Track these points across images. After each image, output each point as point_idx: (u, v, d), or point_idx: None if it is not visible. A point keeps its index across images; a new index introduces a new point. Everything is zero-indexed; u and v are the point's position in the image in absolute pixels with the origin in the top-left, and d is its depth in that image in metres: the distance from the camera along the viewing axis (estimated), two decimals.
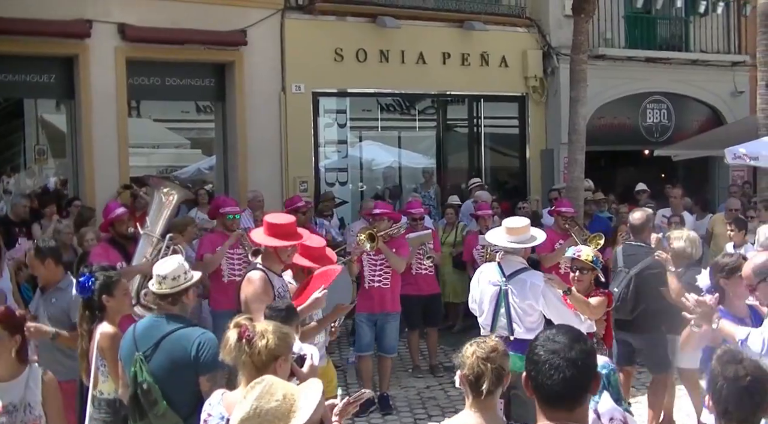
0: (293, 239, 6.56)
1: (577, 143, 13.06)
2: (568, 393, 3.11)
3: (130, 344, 5.34)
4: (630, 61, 17.95)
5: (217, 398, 4.40)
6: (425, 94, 17.21)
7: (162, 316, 5.37)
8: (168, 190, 8.63)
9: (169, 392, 5.10)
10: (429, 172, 16.95)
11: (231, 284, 9.76)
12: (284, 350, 4.23)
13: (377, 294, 9.90)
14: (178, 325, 5.30)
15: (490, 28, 16.63)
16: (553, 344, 3.16)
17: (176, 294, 5.38)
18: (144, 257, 8.21)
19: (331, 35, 15.38)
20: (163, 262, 5.55)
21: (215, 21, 14.15)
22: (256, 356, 4.15)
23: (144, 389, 5.08)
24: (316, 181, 15.50)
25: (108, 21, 13.46)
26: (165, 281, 5.34)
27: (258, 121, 14.72)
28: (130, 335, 5.38)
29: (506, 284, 7.33)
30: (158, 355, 5.17)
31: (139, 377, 5.11)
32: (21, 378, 5.04)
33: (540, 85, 17.39)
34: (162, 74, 14.54)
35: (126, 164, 13.90)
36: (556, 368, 3.11)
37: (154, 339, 5.23)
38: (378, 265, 9.87)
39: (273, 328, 4.28)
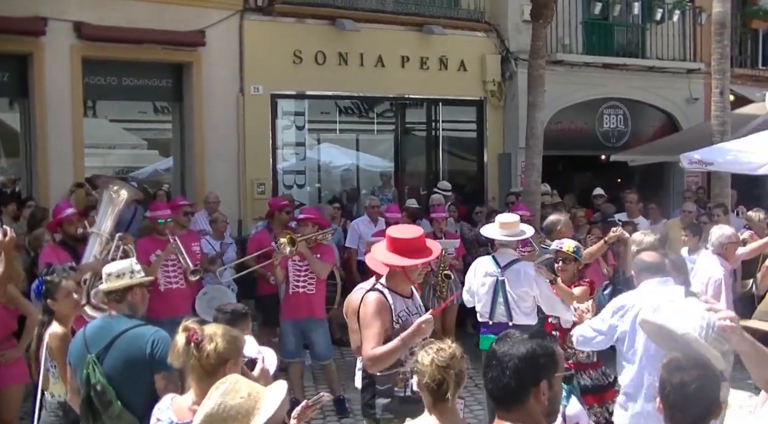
0: (424, 256, 5.67)
1: (534, 148, 13.14)
2: (499, 392, 3.13)
3: (80, 346, 5.27)
4: (587, 67, 18.09)
5: (166, 403, 4.37)
6: (384, 98, 17.21)
7: (113, 316, 5.32)
8: (117, 188, 8.53)
9: (124, 392, 5.07)
10: (387, 176, 16.96)
11: (168, 292, 9.71)
12: (233, 354, 4.22)
13: (302, 300, 9.81)
14: (130, 324, 5.26)
15: (449, 33, 16.68)
16: (501, 344, 3.18)
17: (121, 291, 5.32)
18: (94, 257, 8.11)
19: (290, 37, 15.33)
20: (116, 262, 5.50)
21: (173, 21, 14.05)
22: (205, 360, 4.14)
23: (98, 391, 5.04)
24: (273, 183, 15.43)
25: (63, 19, 13.30)
26: (110, 278, 5.31)
27: (216, 122, 14.63)
28: (80, 337, 5.31)
29: (502, 274, 8.16)
30: (111, 355, 5.12)
31: (92, 378, 5.06)
32: None
33: (498, 90, 17.47)
34: (119, 74, 14.40)
35: (81, 164, 13.74)
36: (492, 367, 3.15)
37: (107, 340, 5.18)
38: (302, 271, 9.79)
39: (222, 331, 4.26)
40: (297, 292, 9.81)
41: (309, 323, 9.85)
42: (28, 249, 10.51)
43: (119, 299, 5.32)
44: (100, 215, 8.39)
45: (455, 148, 18.40)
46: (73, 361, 5.32)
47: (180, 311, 9.24)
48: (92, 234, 8.28)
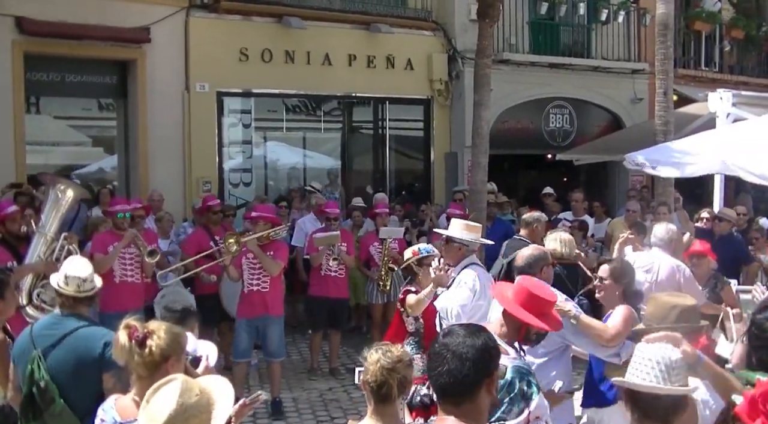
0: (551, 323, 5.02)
1: (480, 147, 13.18)
2: (450, 386, 3.14)
3: (26, 344, 5.21)
4: (534, 67, 18.23)
5: (110, 403, 4.34)
6: (331, 96, 17.20)
7: (64, 315, 5.27)
8: (63, 187, 8.42)
9: (68, 390, 5.01)
10: (334, 174, 16.95)
11: (123, 285, 9.61)
12: (176, 350, 4.21)
13: (257, 298, 9.81)
14: (81, 323, 5.24)
15: (396, 31, 16.72)
16: (448, 337, 3.19)
17: (93, 297, 5.35)
18: (38, 256, 7.99)
19: (237, 35, 15.26)
20: (77, 263, 5.42)
21: (118, 17, 13.89)
22: (148, 357, 4.12)
23: (40, 387, 4.98)
24: (219, 181, 15.35)
25: (5, 13, 13.11)
26: (85, 284, 5.26)
27: (161, 120, 14.51)
28: (27, 335, 5.25)
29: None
30: (59, 352, 5.07)
31: (36, 374, 5.00)
32: None
33: (445, 89, 17.54)
34: (62, 70, 14.24)
35: (22, 162, 13.57)
36: (442, 361, 3.14)
37: (55, 337, 5.13)
38: (257, 268, 9.79)
39: (164, 328, 4.25)
40: (252, 290, 9.81)
41: (265, 320, 9.84)
42: None
43: (89, 303, 5.29)
44: (45, 213, 8.27)
45: (402, 147, 18.44)
46: (17, 358, 5.25)
47: (130, 305, 9.10)
48: (37, 233, 8.16)
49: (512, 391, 4.25)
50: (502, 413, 4.25)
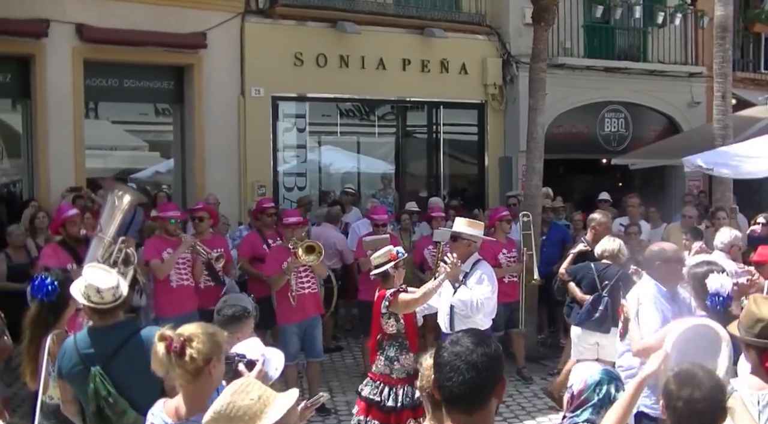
0: None
1: (535, 151, 13.11)
2: (466, 396, 3.12)
3: (75, 362, 5.14)
4: (589, 71, 18.10)
5: (158, 407, 4.33)
6: (385, 100, 17.23)
7: (109, 325, 5.22)
8: (121, 193, 8.51)
9: (135, 398, 4.98)
10: (387, 178, 16.95)
11: (180, 289, 9.68)
12: (215, 351, 4.18)
13: (308, 300, 9.88)
14: (132, 329, 5.22)
15: (450, 36, 16.71)
16: (457, 346, 3.17)
17: (125, 303, 5.35)
18: (95, 260, 8.09)
19: (291, 40, 15.36)
20: (99, 274, 5.32)
21: (175, 23, 14.08)
22: (190, 365, 4.10)
23: (110, 403, 4.95)
24: (274, 185, 15.46)
25: (65, 21, 13.36)
26: (118, 290, 5.27)
27: (216, 124, 14.66)
28: (72, 348, 5.18)
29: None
30: (119, 364, 5.03)
31: (101, 391, 4.96)
32: None
33: (499, 93, 17.50)
34: (120, 76, 14.45)
35: (82, 166, 13.78)
36: (456, 371, 3.12)
37: (109, 349, 5.09)
38: (303, 271, 9.84)
39: (199, 330, 4.22)
40: (302, 293, 9.86)
41: (313, 321, 9.96)
42: (30, 249, 10.54)
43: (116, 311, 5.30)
44: (103, 218, 8.35)
45: (456, 152, 18.41)
46: (66, 372, 5.20)
47: (186, 308, 9.32)
48: (96, 237, 8.26)
49: (600, 392, 4.24)
50: (590, 414, 4.23)
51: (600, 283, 9.36)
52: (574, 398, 4.29)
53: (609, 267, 9.38)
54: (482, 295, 7.80)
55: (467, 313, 7.82)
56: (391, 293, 7.46)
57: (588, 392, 4.25)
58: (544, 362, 11.93)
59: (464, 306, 7.78)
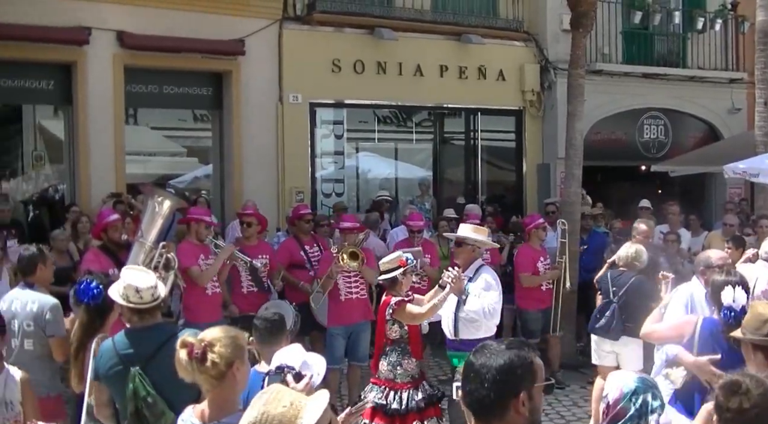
0: None
1: (574, 158, 13.05)
2: (476, 406, 3.09)
3: (113, 363, 5.20)
4: (627, 77, 17.98)
5: (188, 413, 4.33)
6: (422, 107, 17.24)
7: (147, 327, 5.29)
8: (161, 198, 8.58)
9: (172, 400, 5.01)
10: (425, 185, 16.94)
11: (215, 296, 9.72)
12: (237, 354, 4.17)
13: (356, 305, 9.97)
14: (170, 331, 5.26)
15: (487, 42, 16.68)
16: (481, 354, 3.14)
17: (161, 304, 5.41)
18: (136, 265, 8.15)
19: (329, 46, 15.41)
20: (137, 275, 5.40)
21: (213, 30, 14.17)
22: (212, 370, 4.11)
23: (149, 403, 5.00)
24: (312, 191, 15.50)
25: (106, 28, 13.48)
26: (156, 291, 5.31)
27: (255, 130, 14.73)
28: (112, 354, 5.22)
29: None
30: (158, 365, 5.06)
31: (140, 391, 5.01)
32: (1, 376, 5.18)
33: (537, 99, 17.43)
34: (159, 82, 14.55)
35: (122, 171, 13.89)
36: (467, 380, 3.11)
37: (149, 351, 5.14)
38: (352, 277, 9.92)
39: (221, 335, 4.21)
40: (350, 298, 9.99)
41: (361, 326, 10.05)
42: (72, 253, 10.64)
43: (154, 311, 5.34)
44: (144, 223, 8.43)
45: (494, 158, 18.37)
46: (103, 373, 5.25)
47: (216, 316, 9.41)
48: (137, 242, 8.33)
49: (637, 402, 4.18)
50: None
51: (611, 290, 9.35)
52: (610, 409, 4.22)
53: (623, 274, 9.37)
54: (491, 301, 7.78)
55: (481, 321, 7.78)
56: (396, 302, 7.50)
57: (624, 402, 4.18)
58: (582, 371, 11.85)
59: (477, 316, 7.74)
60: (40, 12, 12.81)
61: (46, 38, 12.94)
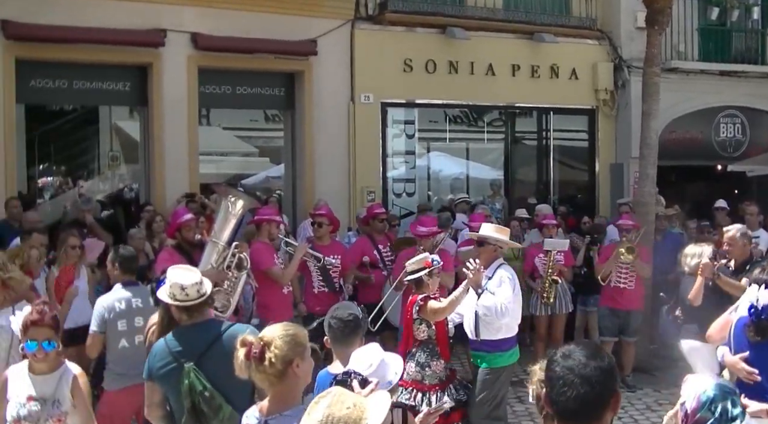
0: None
1: (648, 158, 12.86)
2: (581, 411, 3.05)
3: (165, 358, 5.23)
4: (703, 75, 17.65)
5: (252, 411, 4.36)
6: (494, 106, 17.15)
7: (198, 323, 5.33)
8: (234, 198, 8.65)
9: (228, 393, 5.06)
10: (496, 185, 16.85)
11: (289, 295, 9.85)
12: (296, 352, 4.19)
13: None
14: (222, 326, 5.33)
15: (560, 40, 16.53)
16: (569, 360, 3.10)
17: (210, 300, 5.47)
18: (209, 264, 8.24)
19: (401, 46, 15.41)
20: (182, 272, 5.46)
21: (285, 31, 14.26)
22: (270, 369, 4.13)
23: (206, 397, 5.03)
24: (383, 191, 15.51)
25: (181, 30, 13.66)
26: (201, 287, 5.37)
27: (326, 130, 14.80)
28: (164, 352, 5.26)
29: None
30: (213, 360, 5.10)
31: (197, 386, 5.04)
32: (56, 374, 5.27)
33: (610, 98, 17.22)
34: (232, 83, 14.70)
35: (196, 171, 14.07)
36: (570, 385, 3.05)
37: (201, 347, 5.18)
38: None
39: (279, 333, 4.23)
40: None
41: None
42: (148, 253, 10.80)
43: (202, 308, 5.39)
44: (217, 223, 8.51)
45: (566, 158, 18.18)
46: (156, 372, 5.28)
47: (289, 314, 9.55)
48: (210, 242, 8.41)
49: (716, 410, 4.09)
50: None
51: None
52: (689, 417, 4.14)
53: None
54: (505, 299, 7.73)
55: (492, 318, 7.73)
56: (422, 299, 7.52)
57: (703, 411, 4.09)
58: (655, 374, 11.66)
59: (489, 312, 7.72)
60: (116, 15, 13.04)
61: (123, 41, 13.16)
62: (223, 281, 8.15)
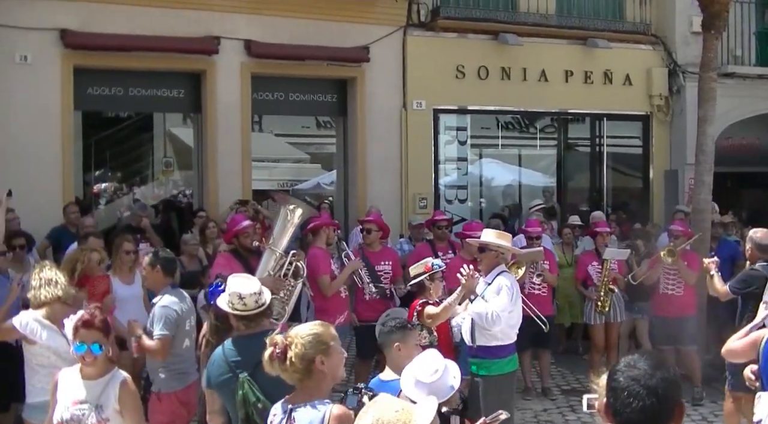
0: None
1: (704, 164, 12.69)
2: (646, 422, 3.00)
3: (223, 370, 5.28)
4: (761, 80, 17.35)
5: (279, 402, 4.50)
6: (546, 113, 17.04)
7: (253, 333, 5.33)
8: (293, 206, 8.68)
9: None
10: (549, 192, 16.75)
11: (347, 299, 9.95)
12: (319, 349, 4.35)
13: None
14: None
15: (613, 46, 16.40)
16: (634, 370, 3.06)
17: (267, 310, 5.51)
18: (266, 272, 8.28)
19: (453, 52, 15.38)
20: (241, 282, 5.49)
21: (338, 38, 14.33)
22: (291, 367, 4.32)
23: (260, 409, 5.04)
24: (435, 198, 15.49)
25: (235, 38, 13.78)
26: (260, 297, 5.40)
27: (378, 137, 14.83)
28: (221, 362, 5.31)
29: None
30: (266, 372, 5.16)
31: (250, 397, 5.07)
32: (103, 379, 5.27)
33: (665, 104, 17.03)
34: (285, 90, 14.80)
35: (248, 178, 14.16)
36: (635, 396, 3.00)
37: (257, 357, 5.05)
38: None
39: (303, 332, 4.40)
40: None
41: None
42: (201, 258, 10.89)
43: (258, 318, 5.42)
44: (276, 231, 8.55)
45: (620, 164, 17.99)
46: (214, 381, 5.34)
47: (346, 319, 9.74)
48: (268, 249, 8.45)
49: None
50: None
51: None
52: None
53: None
54: (499, 307, 7.53)
55: (484, 325, 7.61)
56: (420, 304, 7.50)
57: None
58: (712, 384, 11.44)
59: (479, 319, 7.59)
60: (171, 23, 13.21)
61: (177, 48, 13.33)
62: (279, 290, 8.20)
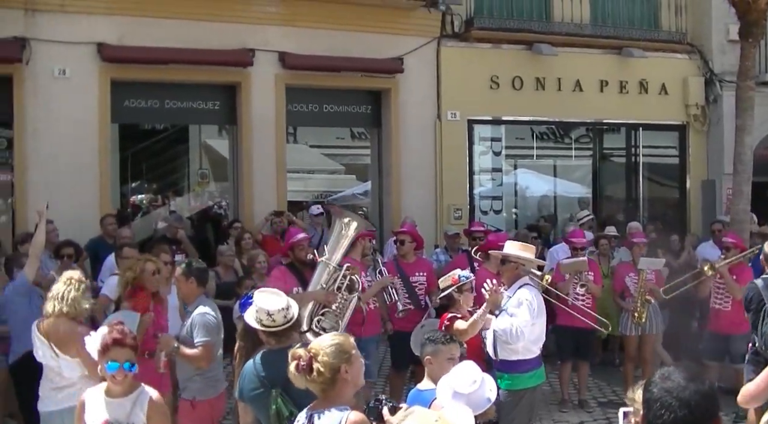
0: None
1: (742, 174, 12.57)
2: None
3: (255, 384, 5.28)
4: None
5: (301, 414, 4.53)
6: (581, 123, 16.96)
7: (283, 348, 5.21)
8: (348, 219, 8.66)
9: None
10: (585, 202, 16.65)
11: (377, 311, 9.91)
12: (342, 359, 4.40)
13: None
14: None
15: (649, 55, 16.32)
16: (668, 382, 3.02)
17: (296, 325, 5.52)
18: (319, 285, 8.29)
19: (487, 63, 15.38)
20: (267, 297, 5.49)
21: (372, 49, 14.36)
22: (319, 378, 4.36)
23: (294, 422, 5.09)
24: (470, 209, 15.46)
25: (269, 49, 13.85)
26: (288, 312, 5.40)
27: (413, 148, 14.83)
28: (253, 376, 5.30)
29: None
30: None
31: (284, 412, 5.07)
32: (131, 397, 5.21)
33: (701, 114, 16.91)
34: (320, 101, 14.84)
35: (283, 189, 14.22)
36: (667, 408, 2.97)
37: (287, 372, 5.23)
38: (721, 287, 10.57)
39: (326, 343, 4.46)
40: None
41: None
42: (237, 269, 10.93)
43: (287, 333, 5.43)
44: (330, 244, 8.52)
45: (656, 175, 17.86)
46: (246, 395, 5.35)
47: (377, 329, 9.78)
48: (322, 263, 8.44)
49: None
50: None
51: None
52: None
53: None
54: (522, 322, 7.37)
55: (507, 340, 7.47)
56: (448, 318, 7.39)
57: None
58: None
59: (503, 335, 7.45)
60: (206, 36, 13.30)
61: (212, 61, 13.42)
62: (332, 303, 8.21)
